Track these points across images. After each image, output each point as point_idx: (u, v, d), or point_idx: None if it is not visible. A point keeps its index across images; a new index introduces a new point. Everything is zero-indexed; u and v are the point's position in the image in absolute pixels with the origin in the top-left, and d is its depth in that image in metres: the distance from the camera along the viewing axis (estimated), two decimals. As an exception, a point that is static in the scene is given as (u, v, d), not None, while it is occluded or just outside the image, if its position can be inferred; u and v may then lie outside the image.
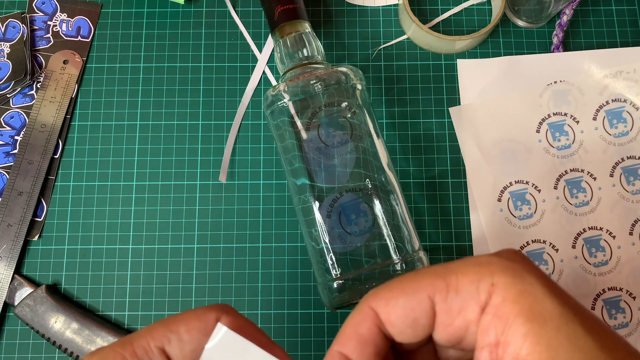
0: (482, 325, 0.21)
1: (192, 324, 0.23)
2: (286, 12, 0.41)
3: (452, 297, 0.21)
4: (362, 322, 0.22)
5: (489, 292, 0.21)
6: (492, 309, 0.21)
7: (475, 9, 0.49)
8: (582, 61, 0.46)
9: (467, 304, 0.21)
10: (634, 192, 0.44)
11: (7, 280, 0.42)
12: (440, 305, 0.21)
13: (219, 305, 0.24)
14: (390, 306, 0.22)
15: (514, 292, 0.20)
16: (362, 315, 0.22)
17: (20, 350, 0.42)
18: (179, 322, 0.23)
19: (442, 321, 0.22)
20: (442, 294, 0.21)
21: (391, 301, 0.22)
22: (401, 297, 0.22)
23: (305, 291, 0.43)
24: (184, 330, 0.23)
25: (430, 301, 0.22)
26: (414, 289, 0.22)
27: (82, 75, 0.47)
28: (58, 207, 0.45)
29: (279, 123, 0.40)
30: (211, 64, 0.47)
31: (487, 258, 0.22)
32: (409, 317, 0.22)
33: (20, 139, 0.46)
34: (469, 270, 0.21)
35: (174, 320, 0.23)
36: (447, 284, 0.21)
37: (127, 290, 0.43)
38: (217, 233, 0.44)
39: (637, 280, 0.43)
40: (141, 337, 0.23)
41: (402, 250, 0.37)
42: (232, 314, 0.24)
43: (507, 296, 0.20)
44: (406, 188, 0.45)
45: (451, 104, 0.46)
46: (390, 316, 0.22)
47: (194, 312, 0.23)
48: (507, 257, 0.22)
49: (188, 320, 0.23)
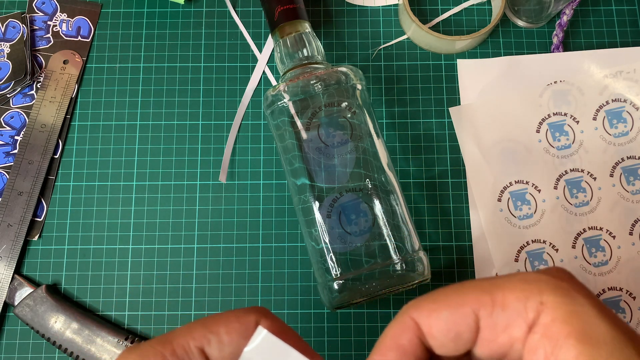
0: (530, 344, 0.20)
1: (232, 325, 0.23)
2: (286, 12, 0.41)
3: (498, 313, 0.21)
4: (403, 332, 0.22)
5: (538, 311, 0.20)
6: (541, 328, 0.20)
7: (475, 9, 0.49)
8: (582, 61, 0.46)
9: (514, 321, 0.21)
10: (634, 192, 0.44)
11: (7, 280, 0.42)
12: (485, 321, 0.21)
13: (258, 308, 0.24)
14: (432, 318, 0.22)
15: (565, 312, 0.20)
16: (403, 326, 0.22)
17: (20, 350, 0.42)
18: (219, 323, 0.23)
19: (486, 337, 0.21)
20: (487, 309, 0.21)
21: (434, 313, 0.22)
22: (444, 310, 0.22)
23: (305, 291, 0.43)
24: (223, 332, 0.22)
25: (475, 316, 0.21)
26: (459, 302, 0.22)
27: (82, 75, 0.47)
28: (58, 207, 0.45)
29: (279, 123, 0.40)
30: (211, 64, 0.47)
31: (535, 275, 0.22)
32: (451, 330, 0.21)
33: (20, 139, 0.46)
34: (516, 286, 0.21)
35: (213, 321, 0.23)
36: (493, 299, 0.21)
37: (127, 290, 0.43)
38: (217, 233, 0.44)
39: (637, 280, 0.43)
40: (181, 337, 0.22)
41: (402, 250, 0.37)
42: (270, 318, 0.23)
43: (557, 316, 0.20)
44: (406, 188, 0.45)
45: (451, 104, 0.46)
46: (432, 328, 0.22)
47: (234, 314, 0.23)
48: (556, 275, 0.22)
49: (228, 321, 0.23)
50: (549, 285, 0.21)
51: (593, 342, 0.19)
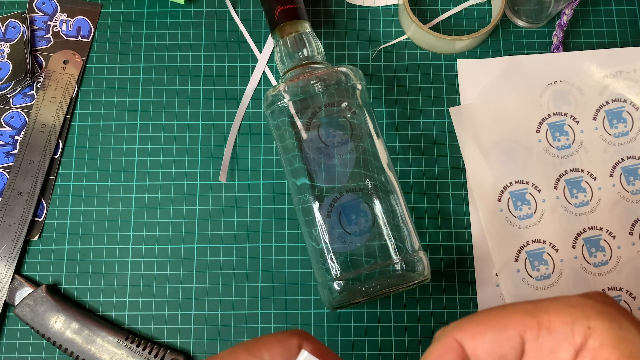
0: None
1: (274, 349, 0.23)
2: (286, 12, 0.41)
3: (544, 336, 0.21)
4: (447, 354, 0.22)
5: (586, 335, 0.21)
6: (590, 353, 0.20)
7: (475, 9, 0.49)
8: (582, 61, 0.46)
9: (560, 344, 0.21)
10: (634, 192, 0.44)
11: (7, 280, 0.42)
12: (531, 344, 0.21)
13: (300, 331, 0.24)
14: (477, 340, 0.22)
15: (613, 337, 0.20)
16: (447, 348, 0.22)
17: (20, 350, 0.42)
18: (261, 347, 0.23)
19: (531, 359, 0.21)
20: (533, 332, 0.21)
21: (478, 335, 0.22)
22: (489, 332, 0.22)
23: (305, 291, 0.43)
24: (267, 356, 0.23)
25: (520, 338, 0.21)
26: (503, 324, 0.22)
27: (82, 75, 0.47)
28: (58, 207, 0.45)
29: (279, 123, 0.40)
30: (211, 64, 0.47)
31: (580, 300, 0.22)
32: (496, 352, 0.22)
33: (20, 139, 0.46)
34: (563, 310, 0.21)
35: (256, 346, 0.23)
36: (538, 322, 0.21)
37: (127, 290, 0.43)
38: (217, 233, 0.44)
39: (637, 280, 0.43)
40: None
41: (402, 250, 0.37)
42: (312, 341, 0.24)
43: (606, 341, 0.20)
44: (406, 188, 0.45)
45: (451, 104, 0.46)
46: (477, 350, 0.22)
47: (276, 338, 0.23)
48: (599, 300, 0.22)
49: (270, 345, 0.23)
50: (594, 309, 0.21)
51: None
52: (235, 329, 0.43)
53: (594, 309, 0.21)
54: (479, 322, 0.22)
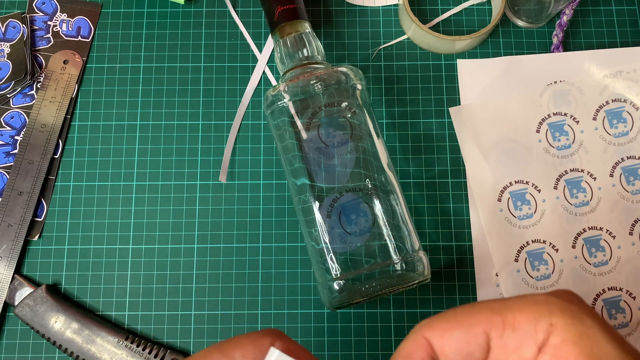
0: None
1: (247, 349, 0.23)
2: (286, 12, 0.41)
3: (509, 334, 0.21)
4: (416, 351, 0.22)
5: (548, 332, 0.21)
6: (551, 349, 0.21)
7: (475, 9, 0.49)
8: (582, 61, 0.46)
9: (524, 342, 0.21)
10: (634, 192, 0.44)
11: (7, 280, 0.42)
12: (496, 341, 0.22)
13: (272, 331, 0.24)
14: (445, 337, 0.22)
15: (574, 334, 0.20)
16: (416, 345, 0.22)
17: (20, 350, 0.42)
18: (234, 347, 0.23)
19: (496, 357, 0.22)
20: (498, 330, 0.22)
21: (446, 333, 0.22)
22: (457, 330, 0.22)
23: (305, 291, 0.43)
24: (239, 356, 0.23)
25: (486, 336, 0.22)
26: (471, 322, 0.22)
27: (82, 75, 0.47)
28: (58, 207, 0.45)
29: (279, 123, 0.40)
30: (211, 64, 0.47)
31: (545, 297, 0.22)
32: (463, 350, 0.22)
33: (20, 139, 0.46)
34: (527, 308, 0.22)
35: (229, 346, 0.23)
36: (503, 320, 0.22)
37: (127, 290, 0.43)
38: (217, 233, 0.44)
39: (637, 280, 0.43)
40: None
41: (402, 250, 0.37)
42: (284, 340, 0.24)
43: (567, 337, 0.20)
44: (406, 188, 0.45)
45: (451, 104, 0.46)
46: (445, 347, 0.22)
47: (249, 337, 0.24)
48: (565, 298, 0.22)
49: (243, 345, 0.23)
50: (558, 307, 0.21)
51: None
52: (235, 329, 0.43)
53: (558, 307, 0.21)
54: (448, 320, 0.23)
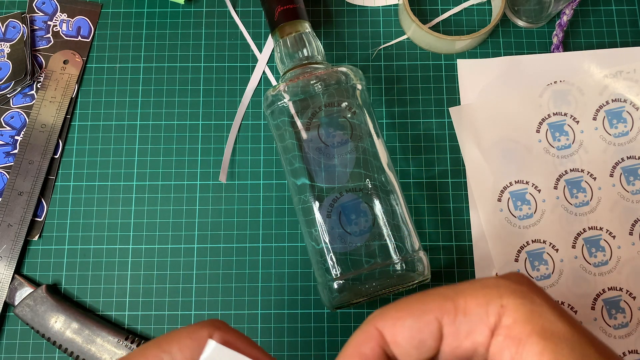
0: (495, 347, 0.21)
1: (184, 342, 0.23)
2: (286, 12, 0.41)
3: (461, 319, 0.21)
4: (366, 342, 0.22)
5: (499, 314, 0.21)
6: (504, 330, 0.21)
7: (475, 9, 0.49)
8: (582, 61, 0.46)
9: (476, 326, 0.21)
10: (634, 192, 0.44)
11: (7, 280, 0.42)
12: (448, 328, 0.22)
13: (211, 321, 0.24)
14: (397, 327, 0.22)
15: (525, 313, 0.21)
16: (367, 335, 0.22)
17: (20, 350, 0.42)
18: (171, 341, 0.23)
19: (449, 343, 0.22)
20: (450, 316, 0.21)
21: (398, 322, 0.22)
22: (408, 319, 0.22)
23: (305, 291, 0.43)
24: (176, 350, 0.23)
25: (438, 323, 0.22)
26: (422, 310, 0.22)
27: (82, 75, 0.47)
28: (58, 207, 0.45)
29: (279, 123, 0.40)
30: (211, 64, 0.47)
31: (495, 280, 0.22)
32: (415, 338, 0.22)
33: (20, 139, 0.46)
34: (477, 292, 0.22)
35: (166, 340, 0.23)
36: (455, 306, 0.22)
37: (127, 290, 0.43)
38: (217, 233, 0.44)
39: (637, 280, 0.43)
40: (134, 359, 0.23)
41: (402, 250, 0.37)
42: (223, 329, 0.24)
43: (518, 317, 0.21)
44: (406, 188, 0.45)
45: (451, 104, 0.46)
46: (397, 337, 0.22)
47: (186, 330, 0.23)
48: (514, 280, 0.22)
49: (180, 339, 0.23)
50: (508, 288, 0.21)
51: (555, 338, 0.20)
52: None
53: (508, 288, 0.21)
54: (400, 309, 0.22)
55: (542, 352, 0.19)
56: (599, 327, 0.42)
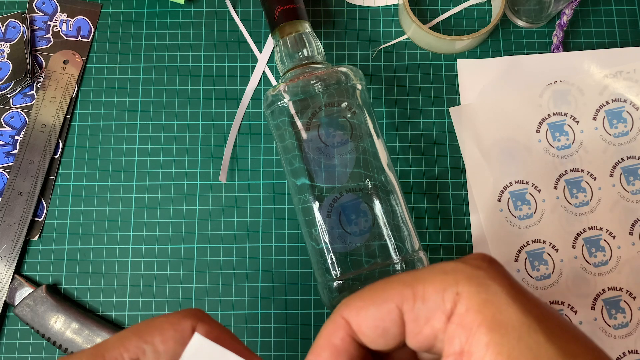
0: (448, 334, 0.21)
1: (167, 333, 0.22)
2: (286, 12, 0.41)
3: (419, 306, 0.21)
4: (335, 332, 0.22)
5: (454, 301, 0.21)
6: (457, 318, 0.21)
7: (475, 9, 0.49)
8: (582, 61, 0.46)
9: (434, 313, 0.21)
10: (634, 192, 0.44)
11: (7, 280, 0.42)
12: (408, 315, 0.21)
13: (193, 311, 0.23)
14: (360, 316, 0.22)
15: (477, 302, 0.20)
16: (335, 326, 0.22)
17: (20, 350, 0.42)
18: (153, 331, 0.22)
19: (411, 330, 0.22)
20: (409, 303, 0.21)
21: (362, 311, 0.22)
22: (371, 307, 0.22)
23: (305, 291, 0.43)
24: (159, 341, 0.22)
25: (399, 310, 0.21)
26: (383, 298, 0.22)
27: (82, 75, 0.47)
28: (58, 207, 0.45)
29: (279, 123, 0.40)
30: (211, 64, 0.47)
31: (453, 265, 0.22)
32: (379, 327, 0.22)
33: (20, 139, 0.46)
34: (435, 278, 0.21)
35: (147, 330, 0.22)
36: (414, 292, 0.21)
37: (127, 290, 0.43)
38: (217, 233, 0.44)
39: (637, 280, 0.43)
40: (114, 348, 0.22)
41: (402, 250, 0.37)
42: (207, 322, 0.23)
43: (471, 305, 0.20)
44: (406, 188, 0.45)
45: (451, 104, 0.46)
46: (361, 326, 0.22)
47: (168, 321, 0.23)
48: (474, 264, 0.22)
49: (163, 329, 0.22)
50: (464, 274, 0.21)
51: (502, 330, 0.20)
52: (235, 329, 0.43)
53: (464, 274, 0.21)
54: (363, 298, 0.22)
55: (488, 344, 0.19)
56: (599, 327, 0.42)
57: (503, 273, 0.22)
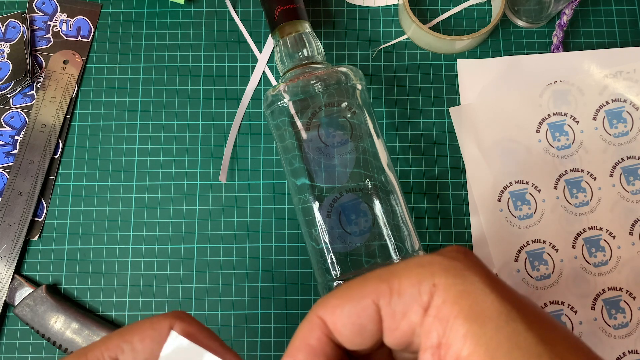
0: (425, 327, 0.21)
1: (145, 333, 0.23)
2: (286, 12, 0.41)
3: (396, 301, 0.21)
4: (311, 332, 0.22)
5: (431, 293, 0.20)
6: (434, 311, 0.20)
7: (475, 9, 0.49)
8: (582, 61, 0.46)
9: (410, 307, 0.21)
10: (633, 192, 0.44)
11: (7, 280, 0.42)
12: (385, 310, 0.21)
13: (174, 313, 0.24)
14: (336, 314, 0.22)
15: (454, 293, 0.20)
16: (311, 325, 0.22)
17: (20, 350, 0.42)
18: (133, 332, 0.23)
19: (389, 326, 0.21)
20: (385, 298, 0.21)
21: (337, 309, 0.22)
22: (347, 305, 0.22)
23: (305, 291, 0.43)
24: (137, 340, 0.23)
25: (376, 306, 0.21)
26: (359, 295, 0.21)
27: (82, 75, 0.47)
28: (58, 207, 0.45)
29: (279, 123, 0.40)
30: (211, 64, 0.47)
31: (429, 258, 0.22)
32: (355, 324, 0.21)
33: (20, 139, 0.46)
34: (411, 272, 0.21)
35: (129, 331, 0.23)
36: (390, 287, 0.21)
37: (127, 290, 0.43)
38: (217, 233, 0.44)
39: (637, 280, 0.43)
40: (96, 348, 0.23)
41: (402, 250, 0.37)
42: (186, 321, 0.24)
43: (447, 297, 0.20)
44: (406, 188, 0.45)
45: (451, 104, 0.46)
46: (337, 324, 0.22)
47: (149, 321, 0.24)
48: (450, 256, 0.22)
49: (142, 329, 0.23)
50: (441, 266, 0.21)
51: (480, 320, 0.19)
52: (235, 329, 0.43)
53: (441, 266, 0.21)
54: (339, 296, 0.22)
55: (466, 335, 0.19)
56: (599, 327, 0.42)
57: (479, 264, 0.21)
